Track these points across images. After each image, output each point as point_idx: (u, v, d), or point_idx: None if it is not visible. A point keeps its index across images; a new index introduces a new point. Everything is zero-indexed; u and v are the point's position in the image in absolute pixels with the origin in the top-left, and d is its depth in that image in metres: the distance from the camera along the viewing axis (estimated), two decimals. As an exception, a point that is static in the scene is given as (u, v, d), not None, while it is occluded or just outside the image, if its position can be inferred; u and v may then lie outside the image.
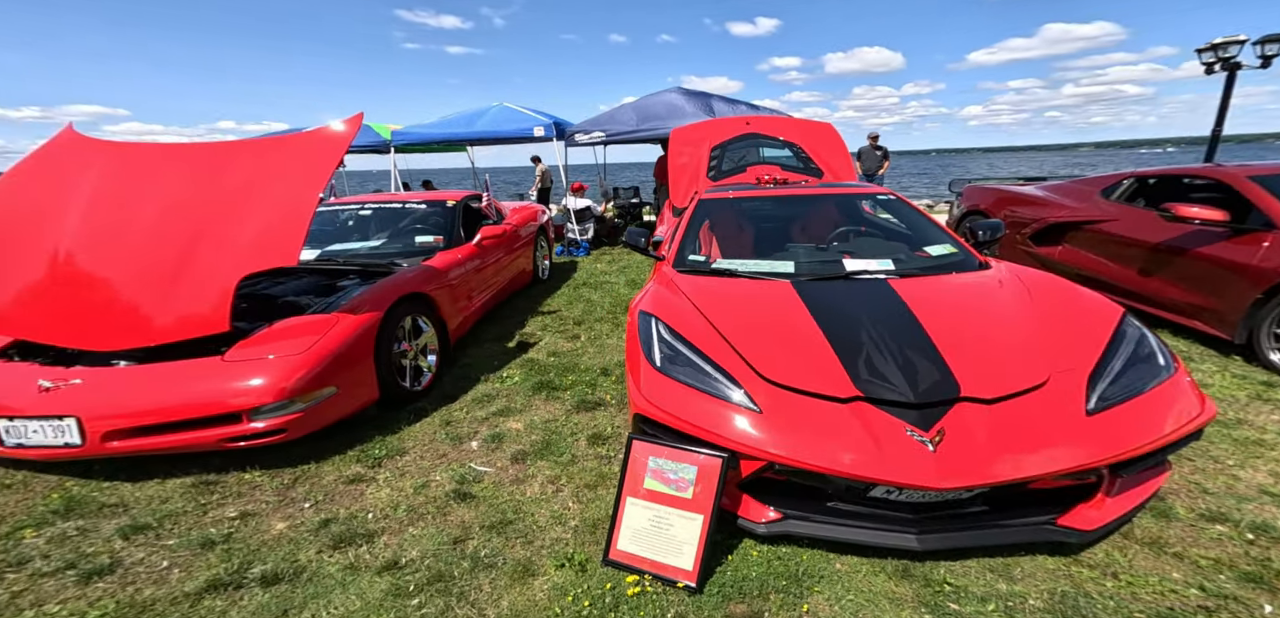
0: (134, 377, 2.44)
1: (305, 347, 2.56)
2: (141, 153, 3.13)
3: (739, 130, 4.54)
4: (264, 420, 2.40)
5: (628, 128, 7.58)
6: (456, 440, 2.74)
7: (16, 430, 2.29)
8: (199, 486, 2.39)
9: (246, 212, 2.78)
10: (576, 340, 4.17)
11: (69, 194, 2.86)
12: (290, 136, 3.11)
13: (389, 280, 3.31)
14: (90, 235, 2.73)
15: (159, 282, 2.59)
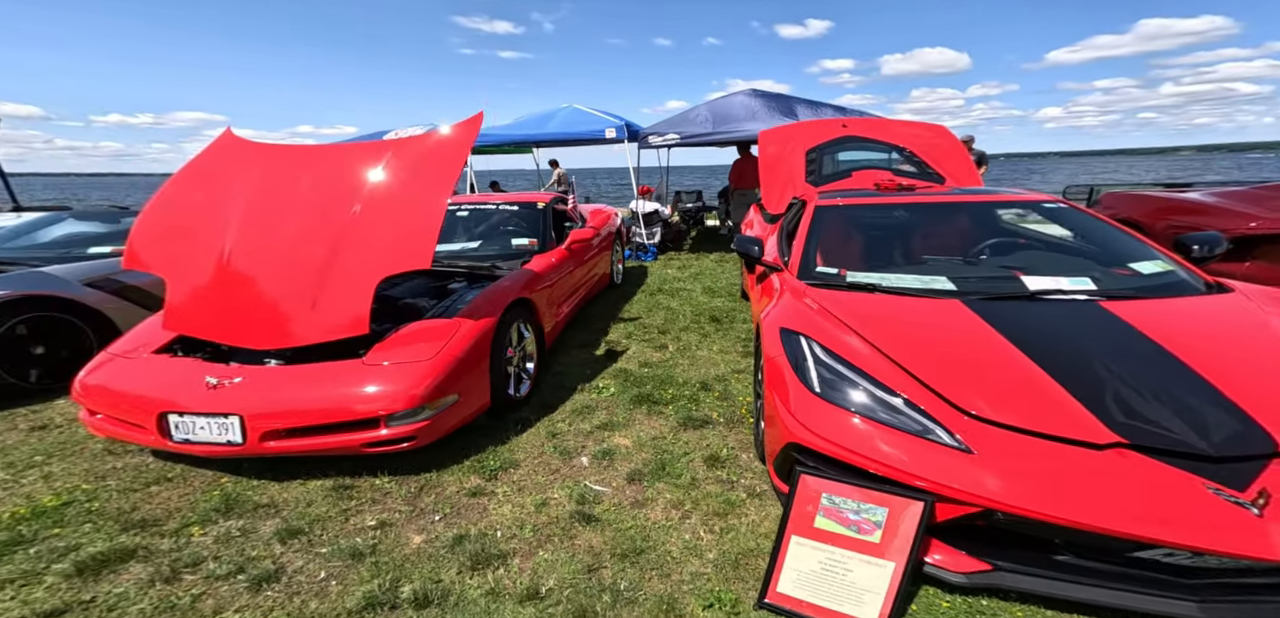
0: (288, 377, 2.46)
1: (433, 352, 2.54)
2: (289, 155, 3.19)
3: (835, 133, 4.26)
4: (398, 426, 2.39)
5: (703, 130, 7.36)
6: (566, 455, 2.68)
7: (185, 426, 2.34)
8: (338, 489, 2.41)
9: (382, 214, 2.80)
10: (665, 351, 4.06)
11: (230, 196, 2.95)
12: (417, 138, 3.09)
13: (500, 285, 3.28)
14: (246, 236, 2.80)
15: (306, 283, 2.63)
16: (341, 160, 3.08)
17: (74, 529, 2.09)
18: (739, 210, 7.94)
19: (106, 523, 2.13)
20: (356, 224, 2.76)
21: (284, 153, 3.22)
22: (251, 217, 2.86)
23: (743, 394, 3.27)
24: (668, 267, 7.18)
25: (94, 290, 3.82)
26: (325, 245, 2.71)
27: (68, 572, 1.84)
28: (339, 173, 2.98)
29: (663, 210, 8.35)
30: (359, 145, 3.16)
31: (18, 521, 2.11)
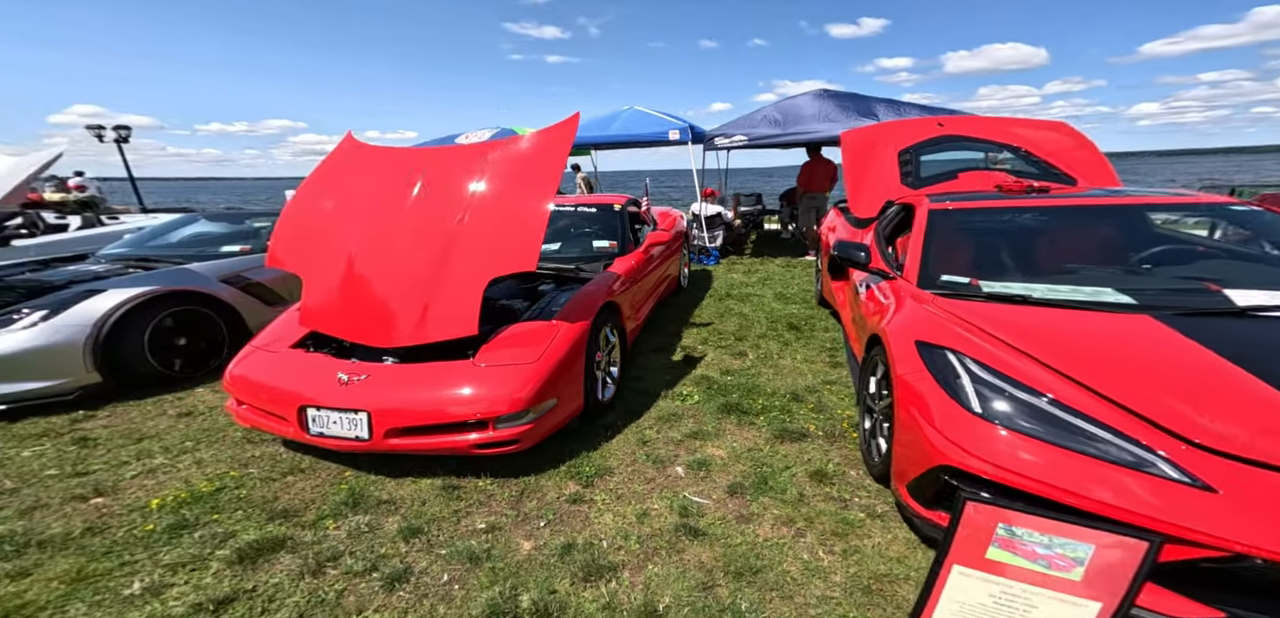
0: (408, 377, 2.50)
1: (536, 356, 2.53)
2: (403, 158, 3.26)
3: (929, 133, 3.95)
4: (504, 429, 2.41)
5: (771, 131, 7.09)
6: (659, 463, 2.62)
7: (321, 420, 2.42)
8: (447, 489, 2.45)
9: (489, 217, 2.82)
10: (744, 358, 3.93)
11: (353, 198, 3.07)
12: (516, 139, 3.08)
13: (590, 288, 3.25)
14: (367, 238, 2.90)
15: (419, 284, 2.68)
16: (449, 163, 3.11)
17: (228, 516, 2.22)
18: (808, 214, 7.62)
19: (254, 511, 2.26)
20: (465, 227, 2.79)
21: (398, 156, 3.30)
22: (371, 219, 2.95)
23: (839, 407, 3.11)
24: (732, 271, 7.00)
25: (227, 286, 4.11)
26: (437, 247, 2.76)
27: (230, 559, 1.95)
28: (448, 176, 3.02)
29: (725, 213, 8.15)
30: (466, 148, 3.20)
31: (181, 504, 2.27)
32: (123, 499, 2.30)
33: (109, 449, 2.74)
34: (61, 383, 3.13)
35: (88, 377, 3.21)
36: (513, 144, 3.05)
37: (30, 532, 2.02)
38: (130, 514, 2.19)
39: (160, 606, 1.70)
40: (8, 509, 2.18)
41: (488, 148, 3.06)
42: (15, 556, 1.89)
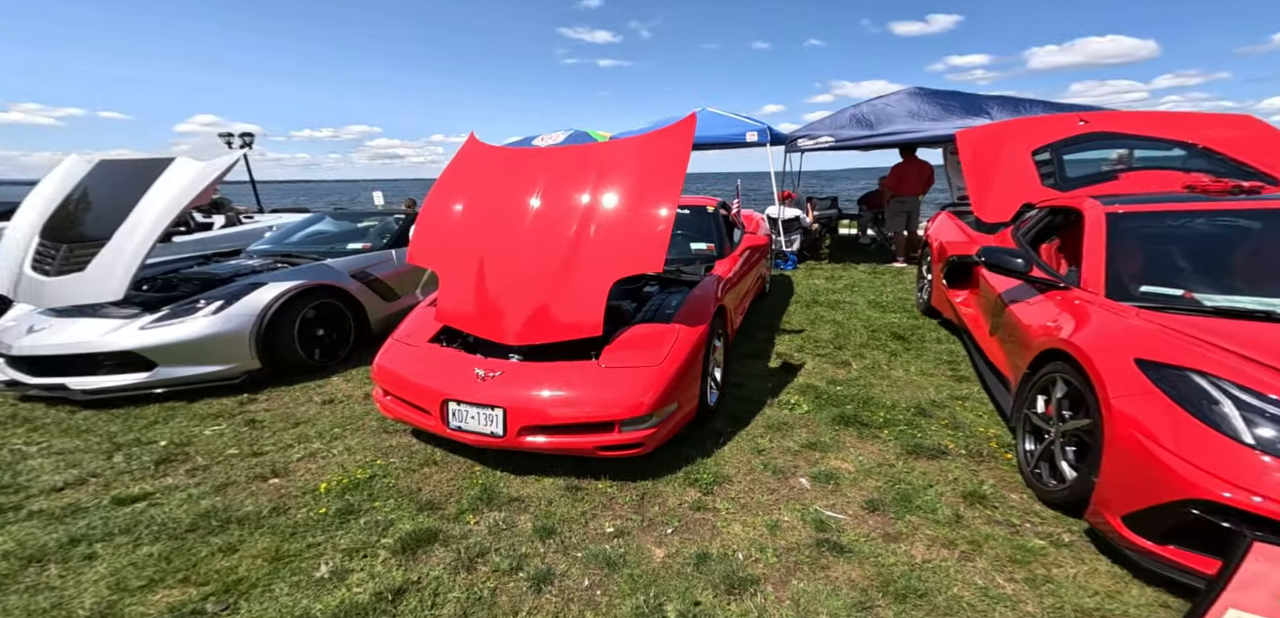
0: (538, 375, 2.49)
1: (660, 358, 2.48)
2: (524, 159, 3.29)
3: (1069, 130, 3.53)
4: (629, 432, 2.37)
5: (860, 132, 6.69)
6: (779, 473, 2.50)
7: (461, 414, 2.46)
8: (570, 490, 2.44)
9: (614, 218, 2.77)
10: (848, 368, 3.71)
11: (480, 198, 3.12)
12: (638, 139, 3.02)
13: (701, 291, 3.16)
14: (494, 236, 2.94)
15: (547, 283, 2.68)
16: (570, 164, 3.09)
17: (383, 503, 2.33)
18: (897, 218, 7.14)
19: (404, 501, 2.35)
20: (589, 228, 2.77)
21: (520, 157, 3.33)
22: (498, 219, 3.00)
23: (978, 424, 2.87)
24: (812, 277, 6.69)
25: (354, 281, 4.39)
26: (562, 247, 2.75)
27: (394, 548, 2.03)
28: (569, 177, 3.00)
29: (803, 217, 7.81)
30: (584, 149, 3.18)
31: (344, 489, 2.41)
32: (294, 481, 2.47)
33: (273, 432, 2.97)
34: (230, 368, 3.44)
35: (251, 363, 3.52)
36: (632, 146, 2.99)
37: (228, 509, 2.20)
38: (303, 496, 2.34)
39: (347, 593, 1.79)
40: (206, 485, 2.40)
41: (607, 149, 3.02)
42: (221, 530, 2.06)
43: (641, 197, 2.74)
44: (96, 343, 3.12)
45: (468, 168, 3.33)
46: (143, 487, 2.36)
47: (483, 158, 3.37)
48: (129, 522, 2.09)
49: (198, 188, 3.50)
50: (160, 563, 1.86)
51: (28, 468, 2.47)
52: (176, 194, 3.47)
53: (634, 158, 2.92)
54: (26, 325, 3.26)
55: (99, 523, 2.08)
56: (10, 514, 2.12)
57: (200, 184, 3.51)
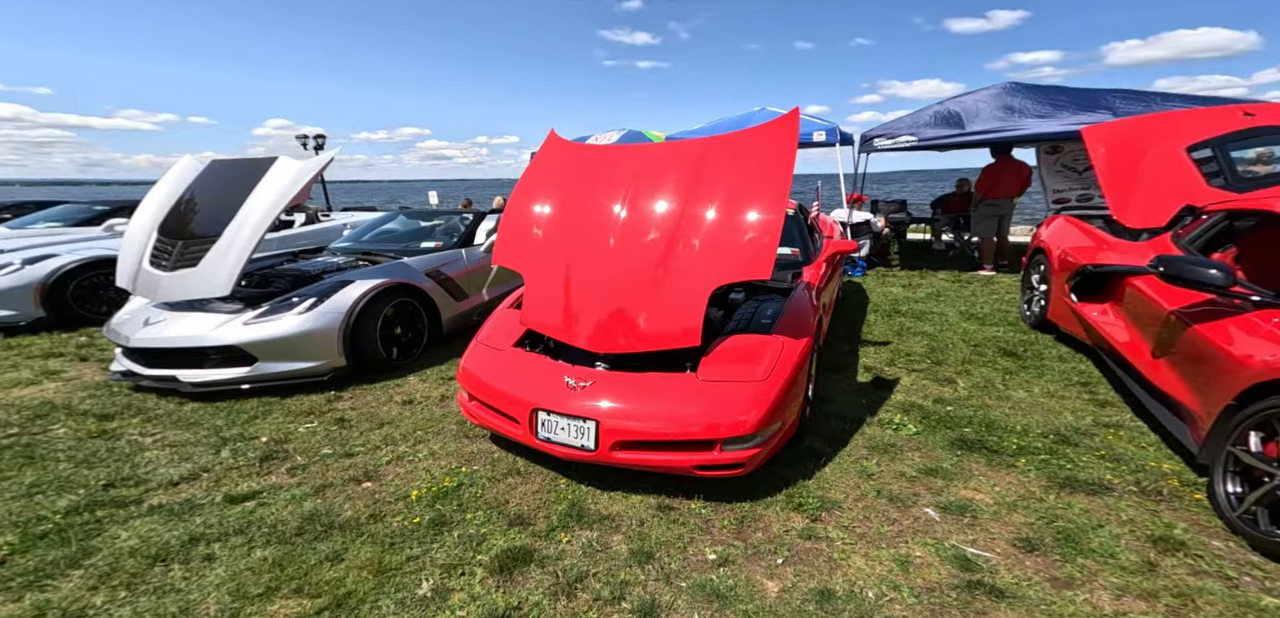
0: (633, 387, 2.36)
1: (764, 373, 2.31)
2: (609, 156, 3.16)
3: (1234, 125, 3.06)
4: (732, 451, 2.21)
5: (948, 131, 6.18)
6: (898, 502, 2.27)
7: (551, 425, 2.35)
8: (662, 510, 2.31)
9: (714, 218, 2.58)
10: (953, 386, 3.40)
11: (564, 197, 3.02)
12: (738, 136, 2.82)
13: (798, 300, 2.95)
14: (582, 236, 2.83)
15: (639, 288, 2.55)
16: (660, 162, 2.93)
17: (473, 515, 2.27)
18: (987, 222, 6.57)
19: (493, 514, 2.29)
20: (686, 231, 2.60)
21: (605, 154, 3.22)
22: (584, 219, 2.89)
23: (1144, 456, 2.56)
24: (886, 284, 6.27)
25: (429, 279, 4.46)
26: (655, 251, 2.61)
27: (490, 567, 1.96)
28: (660, 175, 2.84)
29: (874, 221, 7.35)
30: (676, 147, 2.99)
31: (434, 497, 2.38)
32: (386, 486, 2.47)
33: (361, 432, 3.02)
34: (320, 364, 3.54)
35: (338, 360, 3.61)
36: (732, 142, 2.80)
37: (329, 513, 2.21)
38: (396, 503, 2.33)
39: (449, 614, 1.73)
40: (306, 485, 2.44)
41: (703, 147, 2.82)
42: (325, 535, 2.07)
43: (745, 197, 2.55)
44: (206, 337, 3.28)
45: (550, 166, 3.25)
46: (250, 485, 2.42)
47: (565, 155, 3.28)
48: (241, 521, 2.13)
49: (297, 186, 3.62)
50: (274, 570, 1.87)
51: (145, 460, 2.60)
52: (279, 193, 3.60)
53: (735, 155, 2.73)
54: (143, 318, 3.48)
55: (215, 521, 2.13)
56: (133, 508, 2.22)
57: (300, 182, 3.63)
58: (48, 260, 4.92)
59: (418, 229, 5.79)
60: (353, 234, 5.75)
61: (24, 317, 4.71)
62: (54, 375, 3.71)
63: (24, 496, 2.26)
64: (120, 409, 3.17)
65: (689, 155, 2.85)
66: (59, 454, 2.62)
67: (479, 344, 2.88)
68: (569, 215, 2.95)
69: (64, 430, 2.89)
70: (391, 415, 3.23)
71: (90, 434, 2.83)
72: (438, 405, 3.39)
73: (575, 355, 2.63)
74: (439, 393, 3.56)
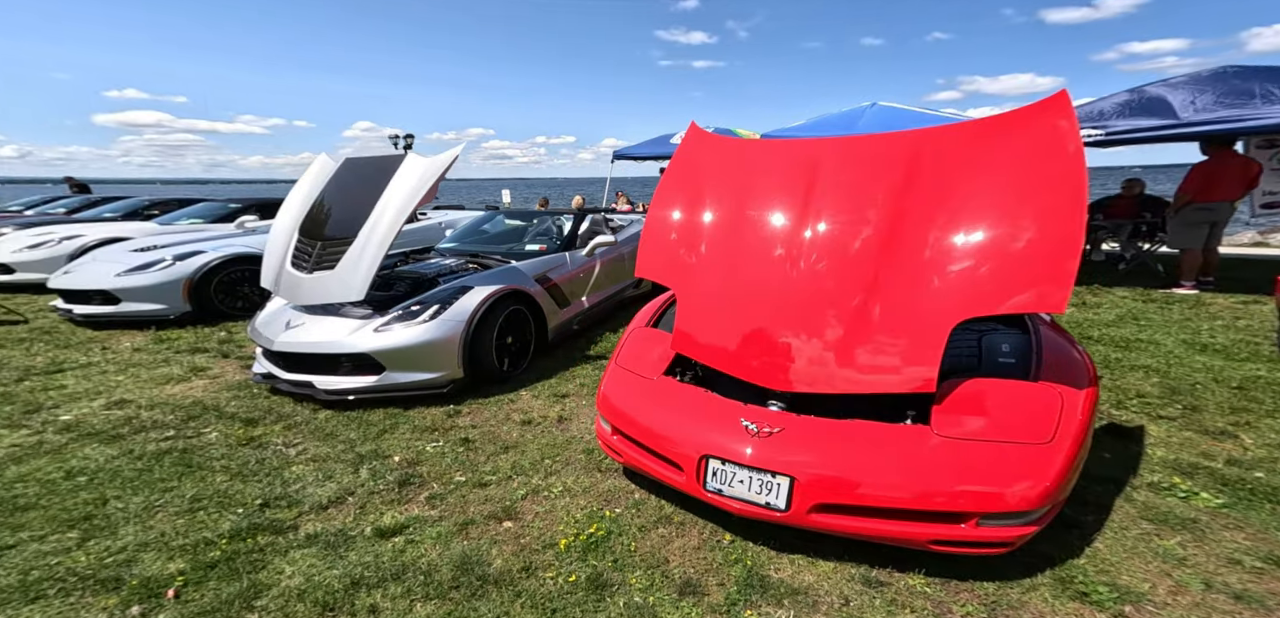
0: (843, 439, 1.97)
1: (1050, 433, 1.85)
2: (787, 150, 2.74)
3: None
4: (994, 528, 1.79)
5: (1150, 122, 5.13)
6: (1247, 601, 1.78)
7: (724, 475, 2.00)
8: (869, 583, 1.94)
9: (961, 230, 2.08)
10: (1234, 441, 2.79)
11: (722, 197, 2.67)
12: (991, 122, 2.29)
13: (1052, 338, 2.44)
14: (752, 246, 2.46)
15: (840, 314, 2.14)
16: (869, 156, 2.45)
17: (633, 576, 2.03)
18: (1193, 231, 5.49)
19: (656, 576, 2.03)
20: (909, 244, 2.14)
21: (766, 149, 2.84)
22: (751, 225, 2.53)
23: None
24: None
25: (537, 285, 4.34)
26: (862, 268, 2.18)
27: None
28: (870, 172, 2.37)
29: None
30: (892, 137, 2.47)
31: (584, 548, 2.16)
32: (528, 529, 2.29)
33: (487, 456, 2.89)
34: (440, 376, 3.50)
35: (457, 371, 3.55)
36: (983, 132, 2.25)
37: (480, 561, 2.06)
38: (544, 552, 2.14)
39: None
40: (448, 521, 2.32)
41: (932, 138, 2.32)
42: (481, 592, 1.91)
43: (1018, 203, 2.03)
44: (342, 343, 3.32)
45: (696, 163, 2.91)
46: (394, 515, 2.34)
47: (715, 151, 2.93)
48: (395, 564, 2.03)
49: (426, 185, 3.59)
50: (439, 634, 1.72)
51: (293, 476, 2.61)
52: (408, 193, 3.59)
53: (980, 150, 2.19)
54: (284, 320, 3.59)
55: (370, 560, 2.05)
56: (290, 535, 2.19)
57: (428, 181, 3.60)
58: (196, 256, 5.36)
59: (517, 230, 5.75)
60: (456, 234, 5.82)
61: (173, 311, 5.15)
62: (201, 373, 3.95)
63: (187, 511, 2.31)
64: (263, 414, 3.28)
65: (897, 150, 2.38)
66: (214, 463, 2.70)
67: (620, 369, 2.62)
68: (730, 221, 2.60)
69: (216, 434, 3.01)
70: (513, 438, 3.09)
71: (239, 442, 2.92)
72: (557, 428, 3.22)
73: (739, 390, 2.29)
74: (556, 413, 3.39)
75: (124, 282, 5.05)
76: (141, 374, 3.89)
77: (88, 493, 2.39)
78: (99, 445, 2.83)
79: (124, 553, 2.03)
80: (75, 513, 2.24)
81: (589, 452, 2.94)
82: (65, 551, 2.03)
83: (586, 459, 2.88)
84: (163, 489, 2.44)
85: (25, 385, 3.63)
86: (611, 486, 2.64)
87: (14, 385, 3.62)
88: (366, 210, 3.59)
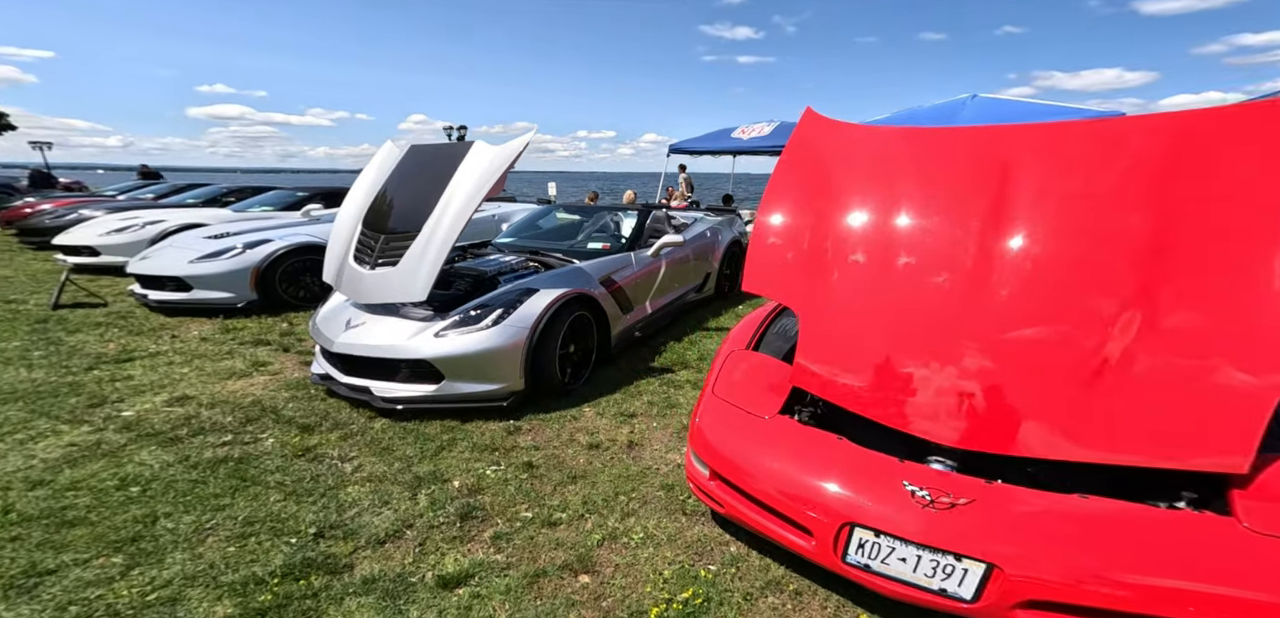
0: (1084, 522, 1.49)
1: None
2: (946, 142, 2.23)
3: None
4: None
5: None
6: None
7: (875, 549, 1.61)
8: None
9: None
10: None
11: (861, 196, 2.20)
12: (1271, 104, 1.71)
13: None
14: (910, 257, 1.99)
15: (1082, 359, 1.64)
16: (1086, 151, 1.91)
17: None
18: None
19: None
20: (1192, 277, 1.60)
21: (919, 138, 2.32)
22: (907, 232, 2.06)
23: None
24: None
25: (601, 287, 3.99)
26: (1119, 305, 1.66)
27: None
28: (1097, 177, 1.85)
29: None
30: (1110, 124, 1.95)
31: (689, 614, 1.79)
32: (609, 588, 1.94)
33: (553, 486, 2.57)
34: (501, 387, 3.20)
35: (517, 383, 3.25)
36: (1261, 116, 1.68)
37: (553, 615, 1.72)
38: (632, 624, 1.78)
39: None
40: (516, 570, 2.01)
41: (1178, 127, 1.75)
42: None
43: None
44: (401, 347, 3.09)
45: (818, 155, 2.45)
46: (457, 558, 2.05)
47: (842, 140, 2.45)
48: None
49: (494, 176, 3.30)
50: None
51: (349, 499, 2.38)
52: (475, 184, 3.31)
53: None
54: (344, 319, 3.41)
55: None
56: (345, 577, 1.94)
57: (496, 172, 3.31)
58: (264, 245, 5.37)
59: (577, 225, 5.44)
60: (512, 228, 5.57)
61: (241, 299, 5.18)
62: (262, 368, 3.86)
63: (238, 536, 2.10)
64: (319, 420, 3.10)
65: (1142, 141, 1.80)
66: (269, 477, 2.51)
67: (720, 402, 2.17)
68: (874, 227, 2.13)
69: (272, 441, 2.84)
70: (580, 465, 2.75)
71: (295, 452, 2.73)
72: (628, 456, 2.85)
73: (881, 440, 1.82)
74: (624, 436, 3.03)
75: (196, 269, 5.11)
76: (205, 367, 3.84)
77: (138, 508, 2.23)
78: (156, 449, 2.71)
79: (169, 588, 1.83)
80: (123, 533, 2.08)
81: (668, 488, 2.56)
82: (108, 580, 1.85)
83: (666, 498, 2.50)
84: (215, 508, 2.26)
85: (93, 375, 3.63)
86: (701, 534, 2.25)
87: (83, 374, 3.63)
88: (431, 203, 3.33)
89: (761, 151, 10.41)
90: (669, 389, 3.70)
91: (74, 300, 5.37)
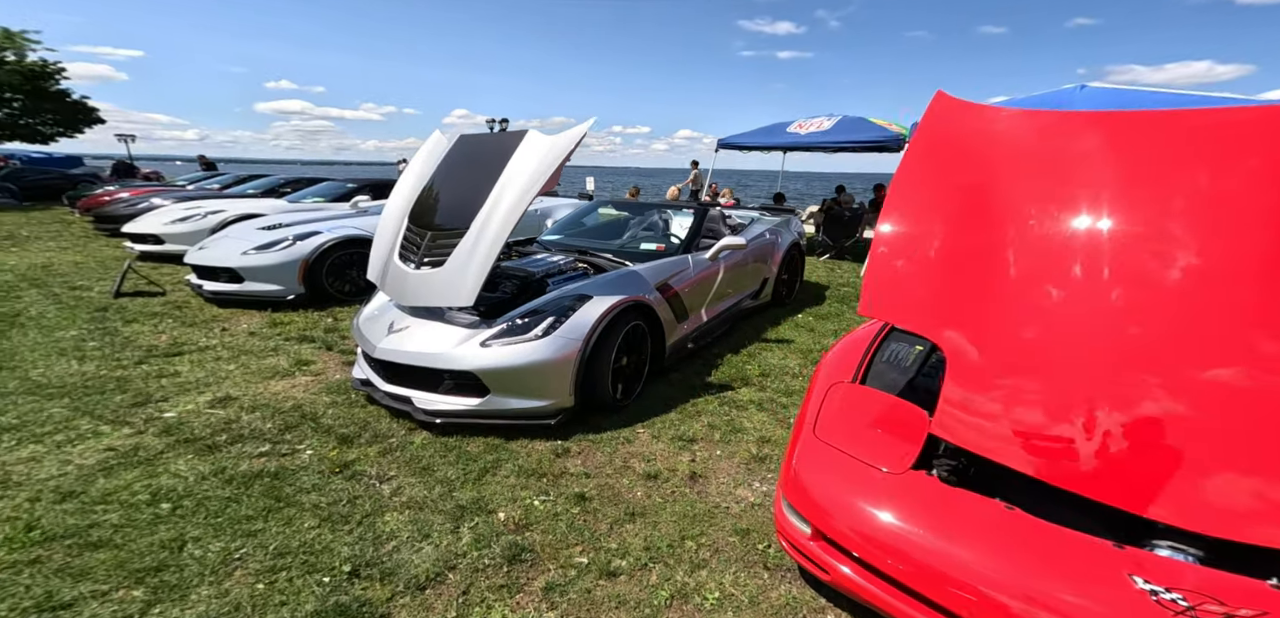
0: None
1: None
2: (1145, 127, 1.77)
3: None
4: None
5: None
6: None
7: None
8: None
9: None
10: None
11: (1021, 200, 1.79)
12: None
13: None
14: (1131, 282, 1.57)
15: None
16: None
17: None
18: None
19: None
20: None
21: (1104, 123, 1.85)
22: (1086, 246, 1.65)
23: None
24: None
25: (657, 294, 3.66)
26: None
27: None
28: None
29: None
30: None
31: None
32: (686, 672, 1.60)
33: (609, 524, 2.26)
34: (548, 404, 2.92)
35: (567, 400, 2.95)
36: None
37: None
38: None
39: None
40: (575, 641, 1.69)
41: None
42: None
43: None
44: (447, 355, 2.86)
45: (964, 150, 2.00)
46: (505, 616, 1.75)
47: (990, 129, 2.00)
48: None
49: (548, 170, 3.02)
50: None
51: (386, 530, 2.15)
52: (528, 180, 3.04)
53: None
54: (387, 321, 3.22)
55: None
56: (378, 633, 1.66)
57: (551, 165, 3.03)
58: (313, 237, 5.33)
59: (625, 222, 5.13)
60: (558, 225, 5.32)
61: (289, 291, 5.15)
62: (304, 367, 3.75)
63: (268, 571, 1.89)
64: (359, 430, 2.91)
65: None
66: (304, 498, 2.31)
67: (823, 445, 1.80)
68: (1058, 234, 1.69)
69: (310, 454, 2.66)
70: (638, 499, 2.43)
71: (333, 468, 2.54)
72: (691, 489, 2.52)
73: (1055, 507, 1.43)
74: (686, 466, 2.69)
75: (248, 260, 5.11)
76: (250, 364, 3.76)
77: (167, 530, 2.07)
78: (193, 458, 2.58)
79: (188, 633, 1.64)
80: (148, 560, 1.90)
81: (743, 534, 2.21)
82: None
83: (741, 546, 2.15)
84: (246, 533, 2.07)
85: (142, 369, 3.60)
86: (789, 597, 1.89)
87: (133, 368, 3.60)
88: (481, 197, 3.08)
89: (823, 147, 9.78)
90: (731, 410, 3.33)
91: (135, 288, 5.50)
